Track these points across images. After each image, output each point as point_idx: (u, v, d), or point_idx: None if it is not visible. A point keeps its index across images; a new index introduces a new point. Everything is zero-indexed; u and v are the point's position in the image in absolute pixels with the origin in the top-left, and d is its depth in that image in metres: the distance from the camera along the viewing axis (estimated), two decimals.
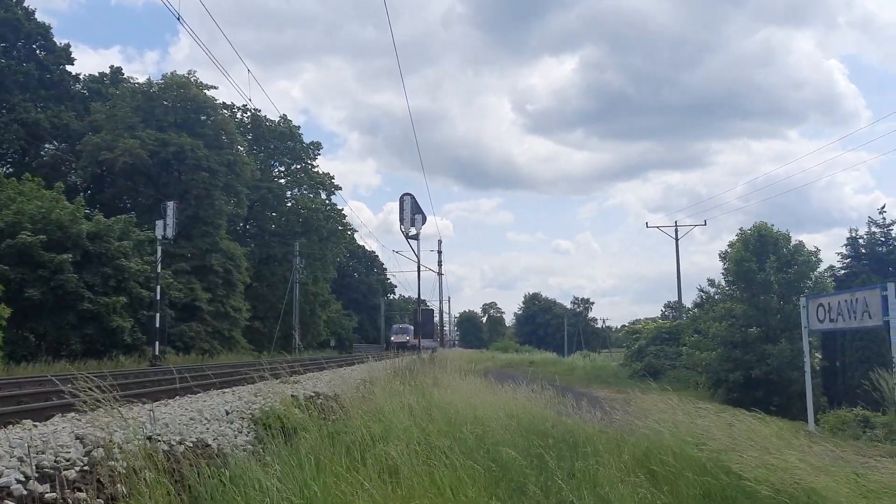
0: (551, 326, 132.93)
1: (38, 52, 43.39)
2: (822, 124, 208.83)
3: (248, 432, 8.58)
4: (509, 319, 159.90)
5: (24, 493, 4.65)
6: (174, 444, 6.42)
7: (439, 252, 48.05)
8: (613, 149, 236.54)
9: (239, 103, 57.01)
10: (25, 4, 42.79)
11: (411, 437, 7.75)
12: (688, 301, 49.79)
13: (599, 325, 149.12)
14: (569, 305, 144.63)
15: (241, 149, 49.32)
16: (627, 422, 10.61)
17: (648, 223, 56.19)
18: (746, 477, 6.45)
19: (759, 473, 6.36)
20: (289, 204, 60.48)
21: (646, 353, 40.84)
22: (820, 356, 24.66)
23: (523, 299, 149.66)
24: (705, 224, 70.50)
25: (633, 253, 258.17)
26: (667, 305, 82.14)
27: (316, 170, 62.19)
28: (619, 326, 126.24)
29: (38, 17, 44.33)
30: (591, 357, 71.80)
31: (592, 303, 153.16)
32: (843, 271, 29.43)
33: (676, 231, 51.74)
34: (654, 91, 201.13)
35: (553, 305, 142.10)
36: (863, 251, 29.64)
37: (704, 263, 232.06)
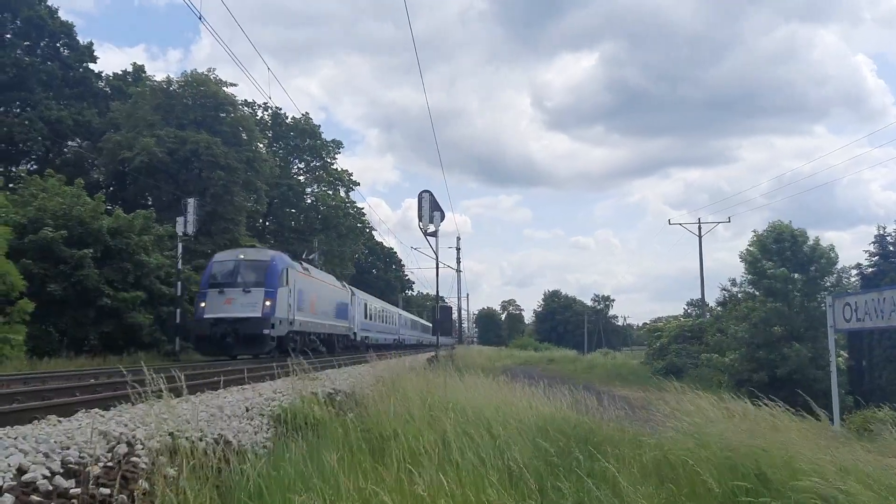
0: (571, 324, 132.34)
1: (61, 50, 43.77)
2: (848, 120, 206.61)
3: (268, 429, 8.62)
4: (528, 317, 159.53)
5: (50, 488, 4.69)
6: (195, 440, 6.45)
7: (457, 249, 48.02)
8: (632, 145, 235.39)
9: (259, 101, 57.40)
10: (49, 3, 43.25)
11: (429, 436, 7.73)
12: (711, 299, 49.45)
13: (620, 322, 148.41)
14: (589, 303, 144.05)
15: (261, 146, 49.54)
16: (649, 421, 10.53)
17: (671, 220, 55.61)
18: (773, 478, 6.36)
19: (786, 474, 6.27)
20: (308, 201, 60.71)
21: (668, 351, 40.61)
22: (846, 355, 24.38)
23: (543, 296, 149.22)
24: (729, 221, 69.37)
25: (654, 250, 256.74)
26: (689, 303, 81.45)
27: (335, 167, 62.42)
28: (639, 324, 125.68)
29: (62, 16, 44.82)
30: (612, 355, 71.51)
31: (613, 300, 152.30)
32: (870, 269, 29.04)
33: (700, 228, 51.29)
34: (673, 87, 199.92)
35: (573, 303, 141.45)
36: (891, 249, 29.19)
37: (728, 260, 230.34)
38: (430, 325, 76.65)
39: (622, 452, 7.74)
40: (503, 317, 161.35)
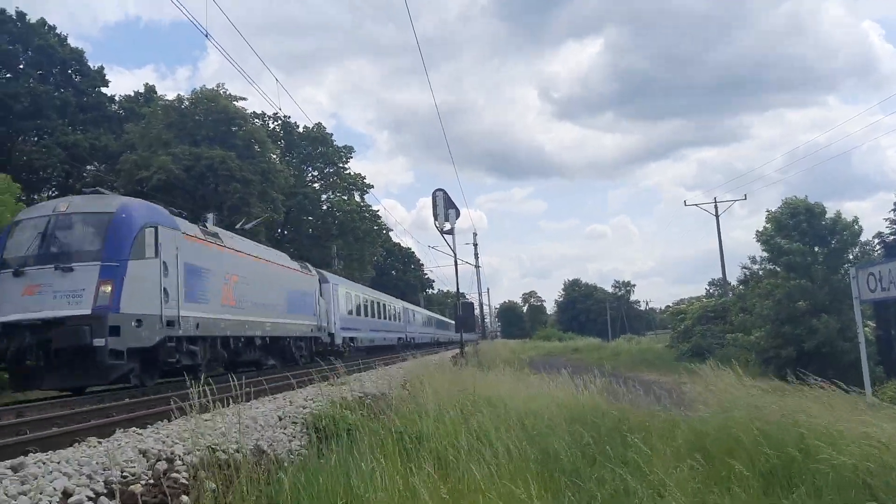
0: (593, 312, 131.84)
1: (73, 76, 44.30)
2: (860, 88, 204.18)
3: (302, 437, 8.74)
4: (550, 307, 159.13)
5: None
6: (232, 452, 6.57)
7: (475, 245, 48.03)
8: (643, 130, 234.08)
9: (269, 112, 57.73)
10: (58, 31, 43.83)
11: (460, 431, 7.80)
12: (732, 277, 49.13)
13: (642, 307, 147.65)
14: (610, 289, 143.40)
15: (274, 157, 49.83)
16: (678, 404, 10.53)
17: (686, 201, 55.16)
18: (812, 453, 6.34)
19: (828, 448, 6.23)
20: (324, 207, 60.97)
21: (692, 333, 40.39)
22: (873, 325, 24.15)
23: (563, 286, 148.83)
24: (745, 198, 68.60)
25: (672, 233, 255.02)
26: (711, 283, 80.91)
27: (348, 172, 62.63)
28: (662, 308, 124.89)
29: (72, 42, 45.38)
30: (636, 340, 71.24)
31: (634, 285, 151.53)
32: (892, 237, 28.72)
33: (716, 207, 50.88)
34: (681, 69, 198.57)
35: (594, 290, 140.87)
36: None
37: (747, 238, 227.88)
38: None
39: (654, 438, 7.77)
40: (525, 309, 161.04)
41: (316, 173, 62.83)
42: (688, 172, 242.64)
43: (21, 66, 41.89)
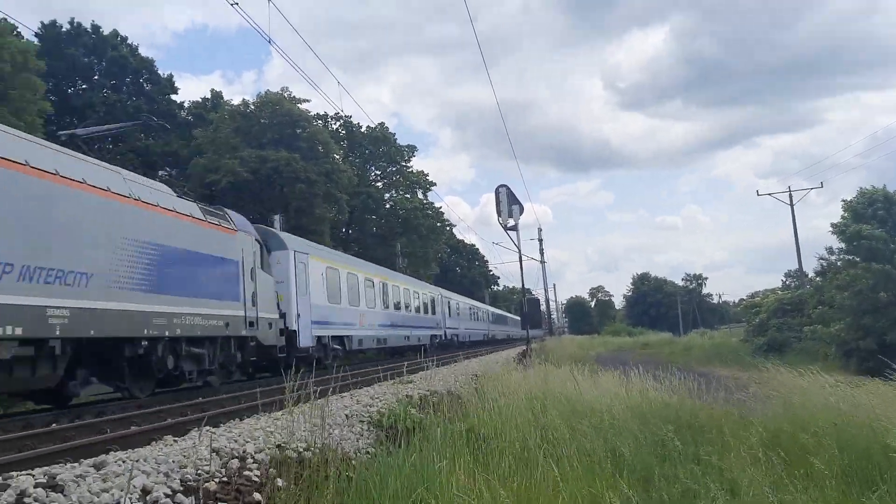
0: (663, 306, 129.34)
1: (144, 85, 45.95)
2: None
3: (370, 435, 8.81)
4: (618, 302, 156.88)
5: None
6: (301, 450, 6.67)
7: (540, 240, 47.75)
8: (713, 117, 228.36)
9: (332, 113, 58.59)
10: (130, 42, 45.54)
11: (529, 429, 7.73)
12: (809, 268, 47.49)
13: (715, 300, 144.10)
14: (680, 283, 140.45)
15: (337, 157, 50.54)
16: (753, 400, 10.21)
17: (759, 191, 53.42)
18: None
19: None
20: (387, 206, 61.51)
21: (768, 326, 39.14)
22: None
23: (631, 280, 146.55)
24: (822, 186, 65.75)
25: (745, 223, 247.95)
26: (787, 275, 78.24)
27: (410, 170, 63.02)
28: (736, 301, 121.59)
29: (143, 52, 46.99)
30: (709, 335, 69.48)
31: (706, 278, 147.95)
32: None
33: (791, 196, 49.16)
34: (751, 53, 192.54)
35: (664, 284, 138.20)
36: None
37: (824, 227, 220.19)
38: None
39: (727, 435, 7.55)
40: (592, 304, 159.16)
41: (379, 172, 63.46)
42: (760, 160, 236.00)
43: (96, 77, 43.68)
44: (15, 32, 28.60)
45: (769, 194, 51.26)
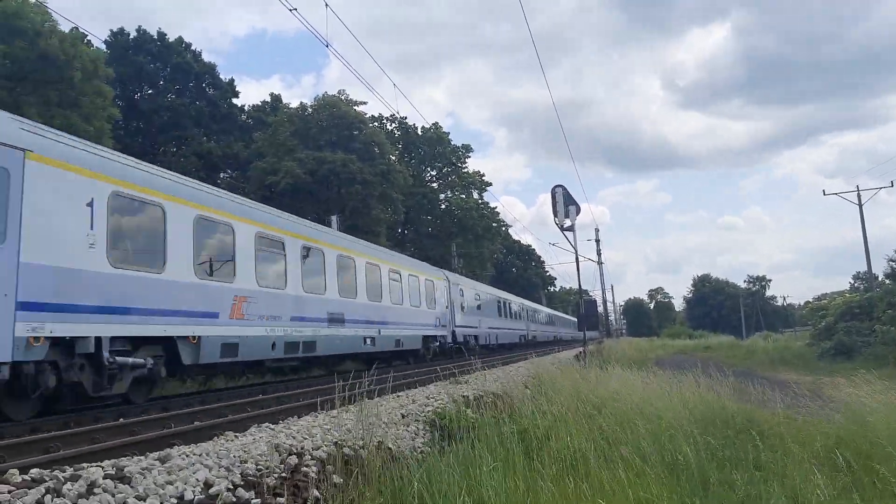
0: (725, 308, 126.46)
1: (207, 89, 47.23)
2: None
3: (424, 434, 8.87)
4: (678, 304, 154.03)
5: (234, 500, 5.10)
6: (357, 448, 6.77)
7: (597, 241, 47.30)
8: (776, 115, 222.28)
9: (387, 114, 59.15)
10: (193, 48, 46.86)
11: (584, 432, 7.68)
12: (878, 269, 45.79)
13: (779, 303, 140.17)
14: (743, 284, 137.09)
15: (393, 158, 50.99)
16: (819, 407, 9.92)
17: (825, 190, 51.65)
18: None
19: None
20: (442, 206, 61.76)
21: (835, 330, 37.83)
22: None
23: (692, 281, 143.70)
24: (893, 185, 62.97)
25: (811, 223, 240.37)
26: (856, 277, 75.45)
27: (466, 170, 63.11)
28: (801, 303, 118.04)
29: (205, 57, 48.29)
30: (773, 338, 67.58)
31: (769, 280, 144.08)
32: None
33: (859, 196, 47.42)
34: (815, 49, 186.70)
35: (725, 286, 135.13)
36: None
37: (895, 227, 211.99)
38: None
39: (789, 441, 7.35)
40: (651, 306, 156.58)
41: (434, 173, 63.73)
42: (826, 159, 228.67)
43: (161, 83, 45.07)
44: (86, 41, 29.70)
45: (836, 194, 49.58)
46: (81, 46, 27.25)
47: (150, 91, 45.01)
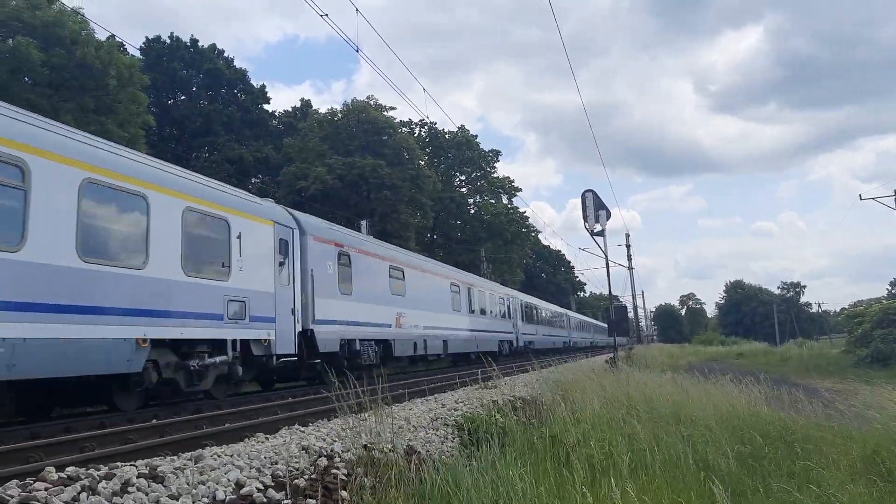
0: (758, 315, 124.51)
1: (238, 95, 47.84)
2: None
3: (454, 438, 8.86)
4: (710, 310, 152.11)
5: (265, 500, 5.14)
6: (387, 451, 6.78)
7: (627, 246, 46.90)
8: (811, 119, 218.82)
9: (416, 119, 59.33)
10: (226, 54, 47.50)
11: (615, 437, 7.61)
12: None
13: (814, 309, 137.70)
14: (776, 291, 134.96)
15: (422, 163, 51.12)
16: (856, 415, 9.73)
17: (862, 195, 50.59)
18: None
19: None
20: (471, 211, 61.72)
21: (871, 337, 37.07)
22: None
23: (724, 287, 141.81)
24: None
25: (847, 229, 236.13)
26: (893, 283, 73.84)
27: (495, 175, 63.04)
28: (837, 310, 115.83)
29: (237, 63, 48.88)
30: (808, 345, 66.43)
31: (804, 286, 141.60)
32: None
33: None
34: (851, 51, 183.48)
35: (759, 292, 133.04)
36: None
37: None
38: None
39: (826, 450, 7.21)
40: (682, 312, 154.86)
41: (463, 178, 63.75)
42: (863, 163, 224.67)
43: (194, 89, 45.74)
44: (121, 49, 30.26)
45: (873, 198, 48.62)
46: (117, 54, 27.76)
47: (183, 97, 45.69)
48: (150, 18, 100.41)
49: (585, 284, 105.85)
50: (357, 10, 15.52)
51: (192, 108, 44.25)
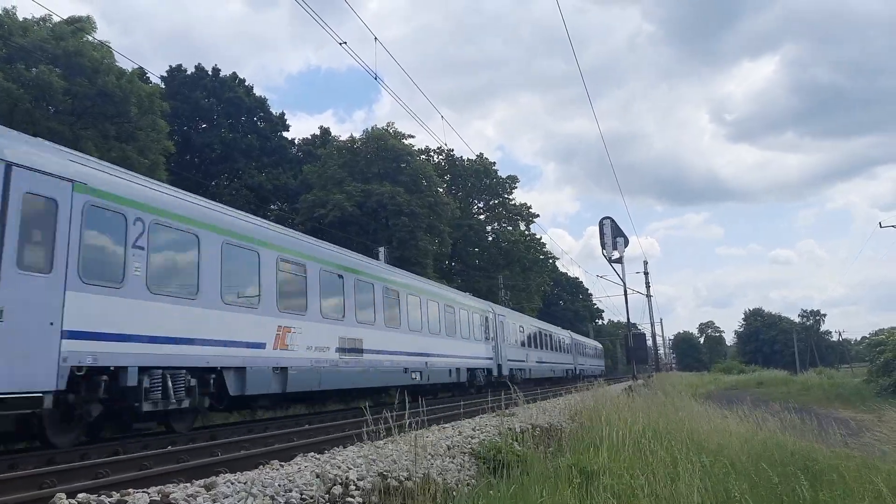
0: (778, 343, 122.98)
1: (258, 123, 48.37)
2: None
3: (470, 467, 8.74)
4: (730, 338, 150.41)
5: None
6: (403, 479, 6.69)
7: (646, 273, 46.44)
8: (830, 147, 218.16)
9: (434, 146, 59.67)
10: (246, 83, 48.12)
11: (636, 467, 7.47)
12: None
13: (835, 338, 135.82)
14: (796, 319, 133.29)
15: (441, 190, 51.29)
16: (878, 444, 9.52)
17: (882, 223, 50.11)
18: None
19: None
20: (489, 238, 61.73)
21: (894, 366, 36.46)
22: None
23: (744, 315, 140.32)
24: None
25: (867, 257, 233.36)
26: None
27: (513, 202, 63.07)
28: (858, 339, 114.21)
29: (257, 92, 49.49)
30: (828, 374, 65.41)
31: (824, 315, 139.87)
32: None
33: None
34: (871, 81, 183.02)
35: (778, 320, 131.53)
36: None
37: None
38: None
39: (849, 480, 7.04)
40: (702, 340, 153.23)
41: (481, 205, 63.85)
42: (882, 191, 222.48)
43: (215, 117, 46.32)
44: (143, 77, 30.73)
45: (893, 226, 48.14)
46: (137, 82, 28.19)
47: (204, 125, 46.26)
48: (187, 47, 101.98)
49: (603, 312, 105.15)
50: (376, 38, 15.71)
51: (213, 136, 44.80)
